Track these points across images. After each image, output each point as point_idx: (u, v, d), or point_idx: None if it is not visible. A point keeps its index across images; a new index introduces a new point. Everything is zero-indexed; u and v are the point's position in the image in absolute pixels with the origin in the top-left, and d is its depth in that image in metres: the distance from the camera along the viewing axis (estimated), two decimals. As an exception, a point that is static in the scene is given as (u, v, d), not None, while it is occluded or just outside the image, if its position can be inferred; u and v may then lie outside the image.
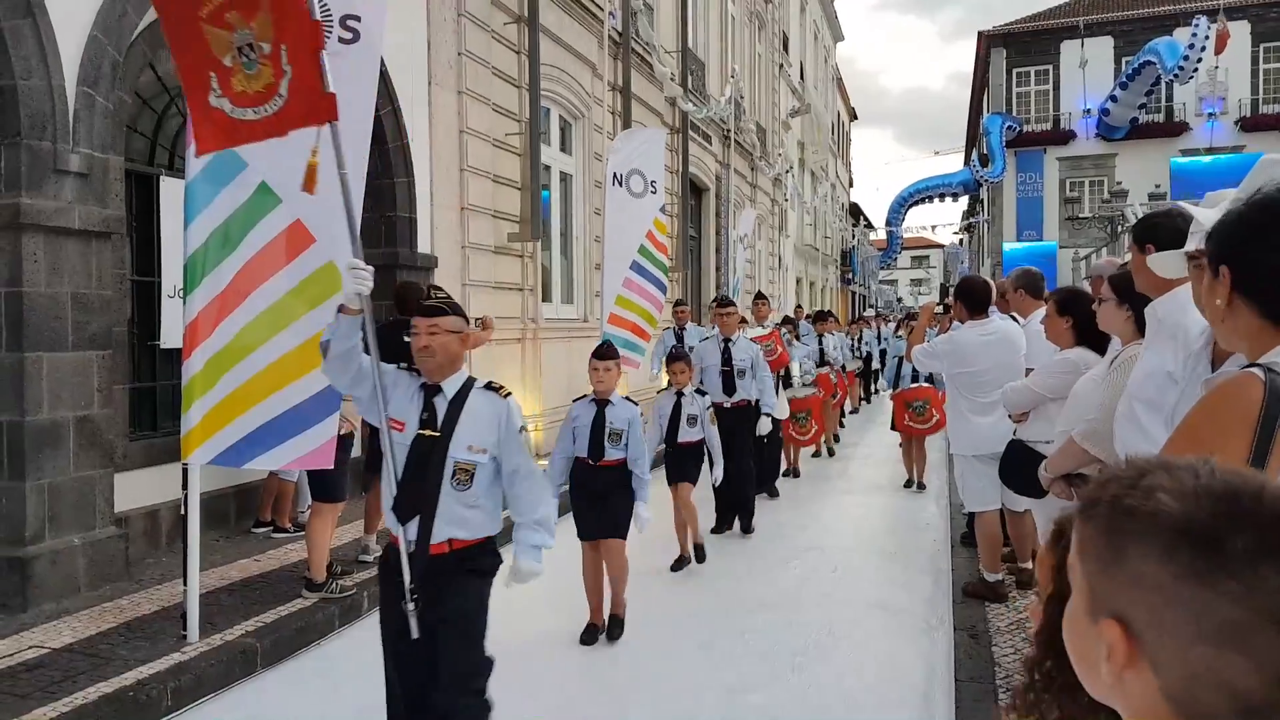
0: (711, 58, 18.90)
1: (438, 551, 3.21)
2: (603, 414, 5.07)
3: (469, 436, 3.21)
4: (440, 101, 8.93)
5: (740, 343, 7.71)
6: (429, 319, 3.21)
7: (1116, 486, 0.85)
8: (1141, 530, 0.81)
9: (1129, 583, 0.81)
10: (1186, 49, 26.10)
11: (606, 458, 5.05)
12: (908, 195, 39.45)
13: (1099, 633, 0.83)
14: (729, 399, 7.58)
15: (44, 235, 5.12)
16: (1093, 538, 0.86)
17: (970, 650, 4.69)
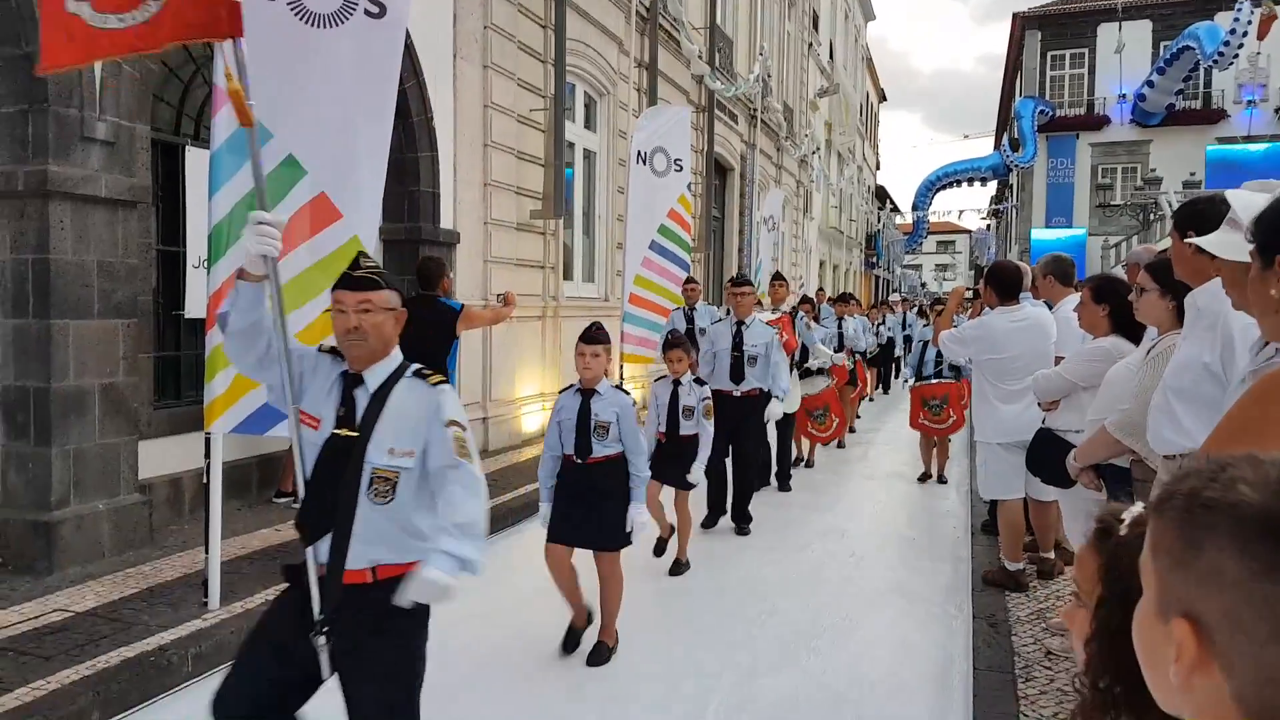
0: (740, 35, 18.73)
1: (356, 580, 2.61)
2: (588, 405, 4.51)
3: (391, 437, 2.62)
4: (465, 76, 8.89)
5: (755, 327, 7.12)
6: (359, 293, 2.63)
7: (1196, 480, 0.82)
8: (1219, 523, 0.77)
9: (1203, 579, 0.78)
10: (1228, 34, 25.55)
11: (595, 454, 4.50)
12: (935, 179, 39.05)
13: (1169, 633, 0.80)
14: (737, 387, 7.02)
15: (71, 203, 5.14)
16: (1167, 533, 0.82)
17: (989, 639, 4.65)
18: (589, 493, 4.51)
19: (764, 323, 7.27)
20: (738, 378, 7.01)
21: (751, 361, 7.01)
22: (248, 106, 3.06)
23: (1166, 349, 3.16)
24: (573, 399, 4.58)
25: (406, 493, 2.64)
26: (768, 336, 7.13)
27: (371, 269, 2.71)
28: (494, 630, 4.79)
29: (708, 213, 16.03)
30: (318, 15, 4.59)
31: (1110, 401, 3.56)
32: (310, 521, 2.70)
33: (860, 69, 39.29)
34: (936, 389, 8.98)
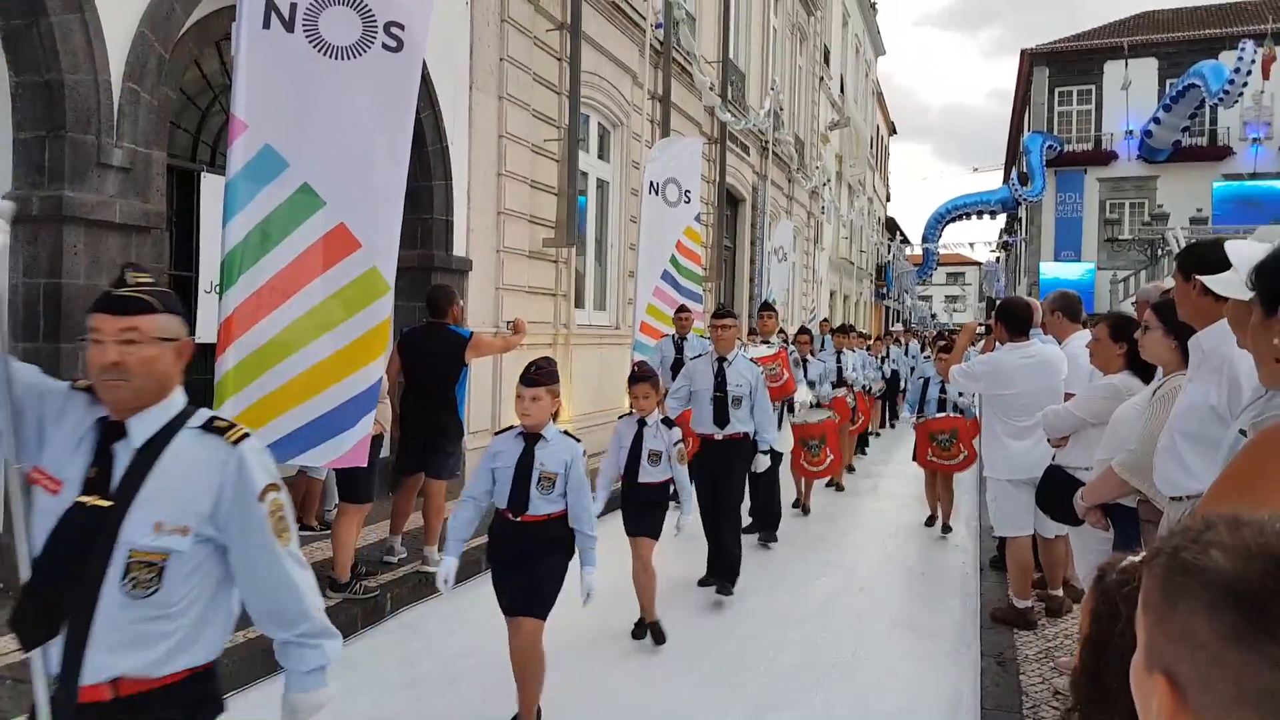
0: (752, 69, 18.88)
1: (91, 698, 1.94)
2: (531, 452, 3.90)
3: (159, 509, 1.97)
4: (480, 106, 8.97)
5: (738, 364, 6.33)
6: (122, 318, 2.01)
7: (1180, 539, 0.84)
8: (1192, 585, 0.80)
9: (1178, 638, 0.80)
10: (1232, 73, 25.74)
11: (531, 512, 3.88)
12: (945, 211, 39.18)
13: (1152, 685, 0.83)
14: (720, 430, 6.23)
15: (85, 228, 5.17)
16: (1151, 589, 0.85)
17: (997, 678, 4.61)
18: (521, 553, 3.90)
19: (749, 359, 6.56)
20: (721, 421, 6.24)
21: (736, 403, 6.24)
22: None
23: (1172, 390, 3.15)
24: (513, 443, 3.94)
25: (176, 582, 1.98)
26: (753, 375, 6.35)
27: (144, 286, 2.08)
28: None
29: (719, 243, 16.08)
30: (336, 47, 4.65)
31: (1117, 441, 3.54)
32: (30, 619, 1.99)
33: (870, 102, 39.52)
34: (945, 423, 8.39)
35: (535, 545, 3.88)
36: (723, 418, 6.22)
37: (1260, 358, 1.80)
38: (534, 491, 3.85)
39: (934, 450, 8.35)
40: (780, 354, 7.86)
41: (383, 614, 5.38)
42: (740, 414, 6.23)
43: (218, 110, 6.61)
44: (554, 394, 3.92)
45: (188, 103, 6.44)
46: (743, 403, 6.23)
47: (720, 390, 6.24)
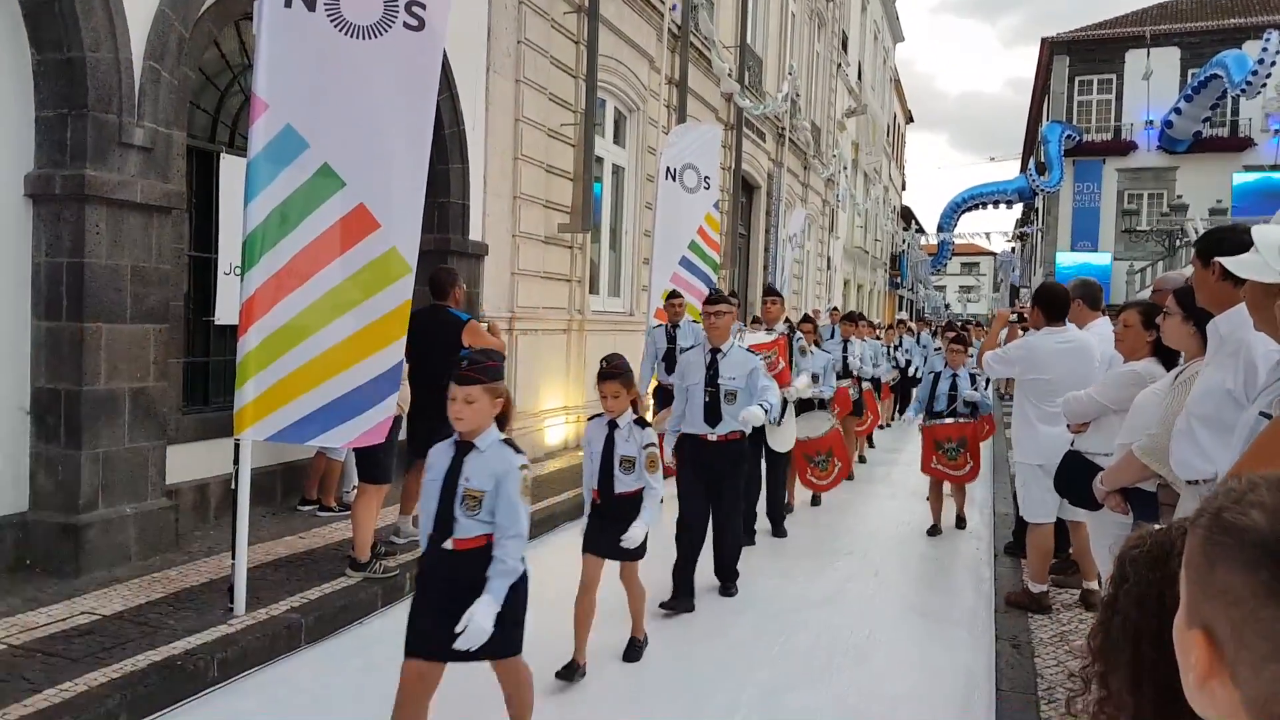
0: (769, 55, 18.80)
1: None
2: (459, 465, 3.25)
3: None
4: (497, 89, 8.97)
5: (733, 355, 5.68)
6: None
7: (1223, 499, 0.86)
8: (1230, 544, 0.82)
9: (1216, 595, 0.82)
10: (1255, 63, 25.48)
11: (457, 535, 3.21)
12: (961, 201, 38.98)
13: (1191, 640, 0.85)
14: (713, 430, 5.59)
15: (107, 207, 5.21)
16: (1193, 549, 0.87)
17: (1012, 660, 4.61)
18: (456, 591, 3.19)
19: (745, 349, 5.93)
20: (713, 419, 5.59)
21: (730, 398, 5.59)
22: None
23: (1191, 375, 3.15)
24: (445, 453, 3.32)
25: None
26: (749, 366, 5.66)
27: None
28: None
29: (734, 230, 16.05)
30: (357, 26, 4.66)
31: (1138, 426, 3.54)
32: None
33: (888, 90, 39.31)
34: (952, 430, 7.76)
35: (462, 576, 3.19)
36: (715, 416, 5.57)
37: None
38: (457, 511, 3.20)
39: (940, 459, 7.84)
40: (778, 342, 7.15)
41: (402, 593, 5.42)
42: (735, 411, 5.55)
43: (236, 91, 6.63)
44: (492, 394, 3.23)
45: (207, 83, 6.46)
46: (738, 398, 5.56)
47: (712, 385, 5.57)
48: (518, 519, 3.22)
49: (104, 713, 3.64)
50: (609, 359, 4.55)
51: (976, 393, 7.85)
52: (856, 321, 11.19)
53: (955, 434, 7.73)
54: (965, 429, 7.74)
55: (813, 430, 7.93)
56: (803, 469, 8.03)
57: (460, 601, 3.12)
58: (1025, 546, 6.67)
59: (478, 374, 3.22)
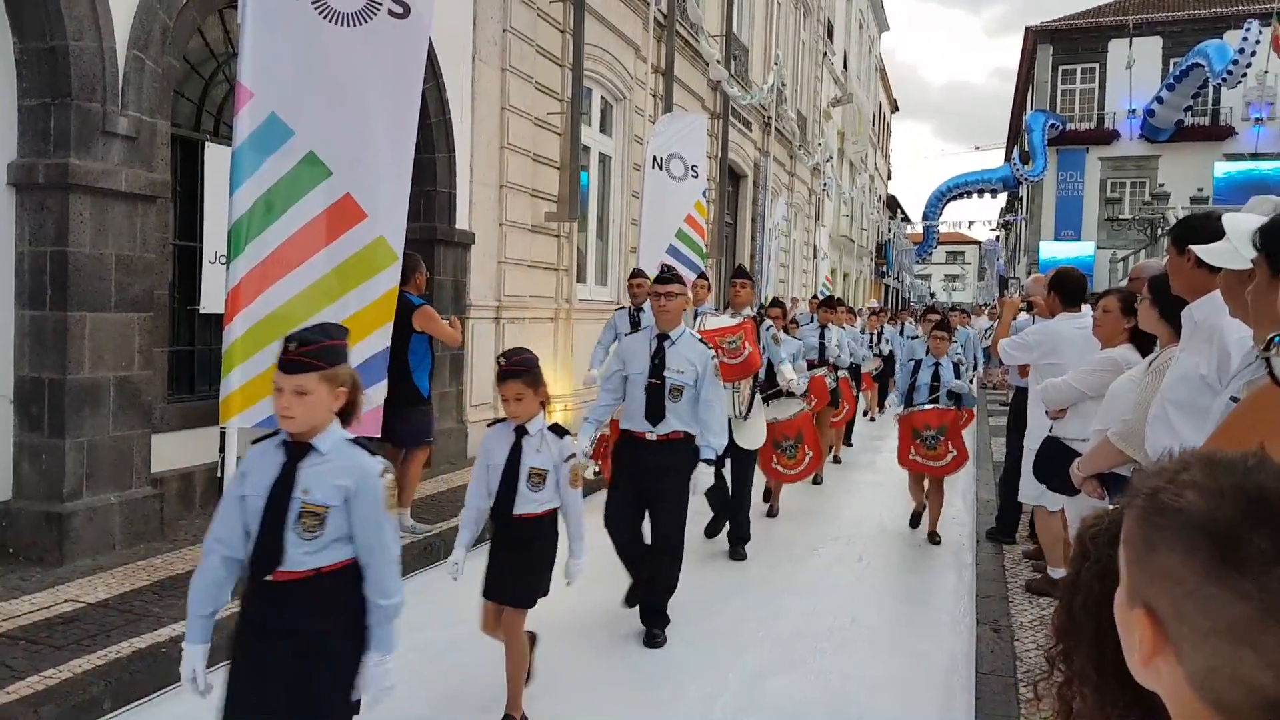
0: (755, 43, 18.80)
1: None
2: (291, 475, 2.56)
3: None
4: (484, 78, 8.96)
5: (683, 342, 4.91)
6: None
7: (1157, 479, 0.88)
8: (1168, 525, 0.84)
9: (1156, 574, 0.84)
10: (1236, 52, 25.66)
11: (291, 567, 2.54)
12: (946, 190, 39.12)
13: (1134, 619, 0.87)
14: (652, 429, 4.83)
15: (91, 196, 5.19)
16: (1130, 528, 0.89)
17: (992, 644, 4.68)
18: (277, 641, 2.58)
19: (698, 339, 5.13)
20: (655, 415, 4.82)
21: (675, 394, 4.83)
22: None
23: (1165, 361, 3.20)
24: (268, 458, 2.61)
25: None
26: (701, 360, 4.89)
27: None
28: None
29: (720, 219, 16.07)
30: (342, 14, 4.66)
31: (1114, 412, 3.58)
32: None
33: (873, 79, 39.35)
34: (930, 416, 7.02)
35: (289, 619, 2.56)
36: (657, 411, 4.82)
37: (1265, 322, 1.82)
38: (290, 535, 2.53)
39: (917, 448, 7.04)
40: (744, 325, 6.32)
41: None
42: (680, 409, 4.83)
43: (221, 79, 6.60)
44: (331, 383, 2.54)
45: (191, 71, 6.44)
46: (684, 394, 4.82)
47: (656, 376, 4.82)
48: (386, 543, 2.61)
49: (87, 700, 3.66)
50: (508, 354, 3.71)
51: (961, 382, 7.27)
52: (834, 307, 10.39)
53: (935, 421, 7.01)
54: (946, 415, 7.05)
55: (783, 412, 7.23)
56: (768, 455, 7.16)
57: (282, 659, 2.54)
58: (1007, 531, 6.78)
59: (310, 358, 2.51)
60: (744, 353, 6.11)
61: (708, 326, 6.09)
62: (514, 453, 3.69)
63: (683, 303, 5.09)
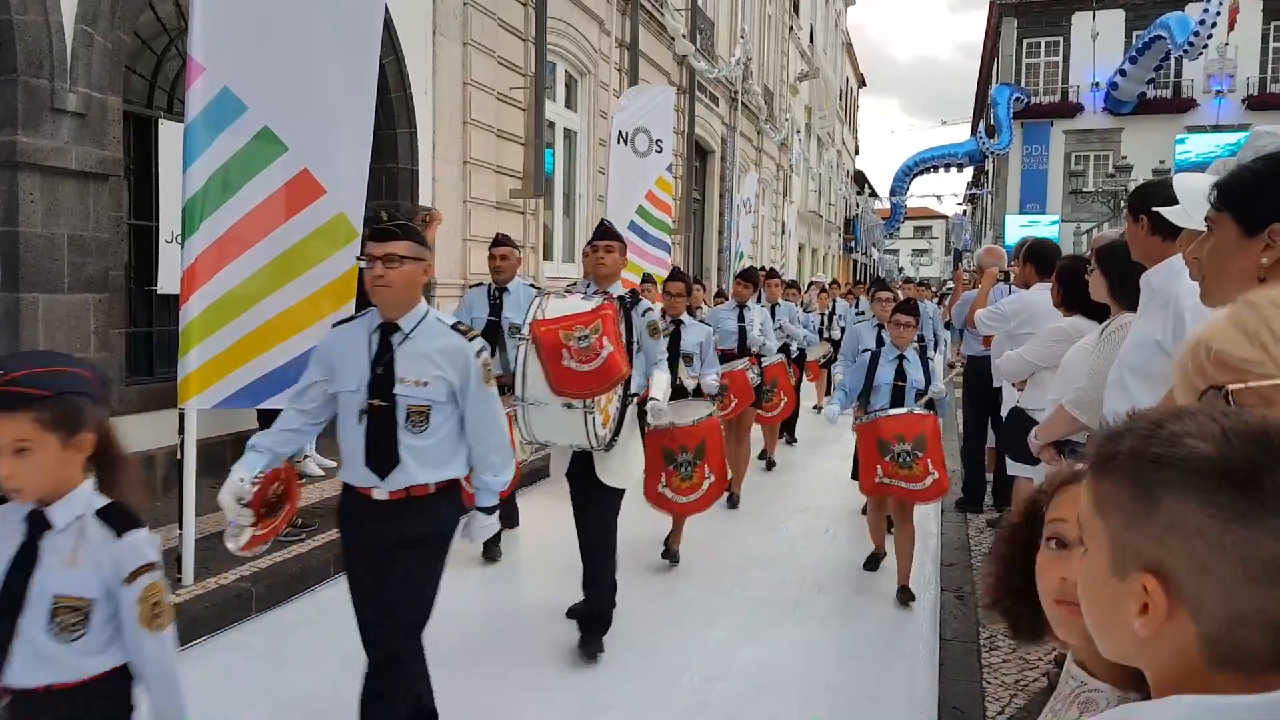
0: (721, 17, 18.70)
1: None
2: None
3: None
4: (445, 52, 8.84)
5: (424, 333, 3.02)
6: None
7: (1133, 439, 0.84)
8: (1173, 478, 0.80)
9: (1165, 532, 0.80)
10: (1197, 24, 25.89)
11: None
12: (913, 164, 39.29)
13: (1128, 589, 0.83)
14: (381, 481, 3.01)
15: (40, 175, 5.08)
16: (1115, 492, 0.84)
17: (955, 611, 4.75)
18: None
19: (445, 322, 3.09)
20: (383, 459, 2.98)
21: (416, 420, 3.03)
22: None
23: (1120, 328, 3.22)
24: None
25: None
26: (457, 359, 3.01)
27: None
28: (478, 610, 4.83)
29: (688, 195, 16.03)
30: (293, -14, 4.57)
31: (1069, 381, 3.62)
32: None
33: (840, 54, 39.32)
34: (902, 424, 5.08)
35: None
36: (385, 453, 2.96)
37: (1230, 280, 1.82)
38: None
39: (886, 467, 5.06)
40: (603, 310, 4.08)
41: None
42: (427, 445, 2.99)
43: (174, 55, 6.47)
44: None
45: (143, 46, 6.30)
46: (431, 419, 2.97)
47: (381, 394, 2.96)
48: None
49: (50, 684, 3.62)
50: None
51: (938, 385, 5.40)
52: (754, 281, 7.97)
53: (908, 430, 5.04)
54: (923, 422, 5.11)
55: (679, 417, 5.34)
56: (654, 478, 5.33)
57: None
58: (974, 501, 6.86)
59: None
60: (601, 353, 3.92)
61: (549, 313, 4.04)
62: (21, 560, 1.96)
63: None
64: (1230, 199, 1.79)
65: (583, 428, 4.06)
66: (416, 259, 2.95)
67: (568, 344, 3.90)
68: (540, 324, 3.97)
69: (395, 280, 2.91)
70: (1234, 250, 1.77)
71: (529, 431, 4.16)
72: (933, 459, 5.05)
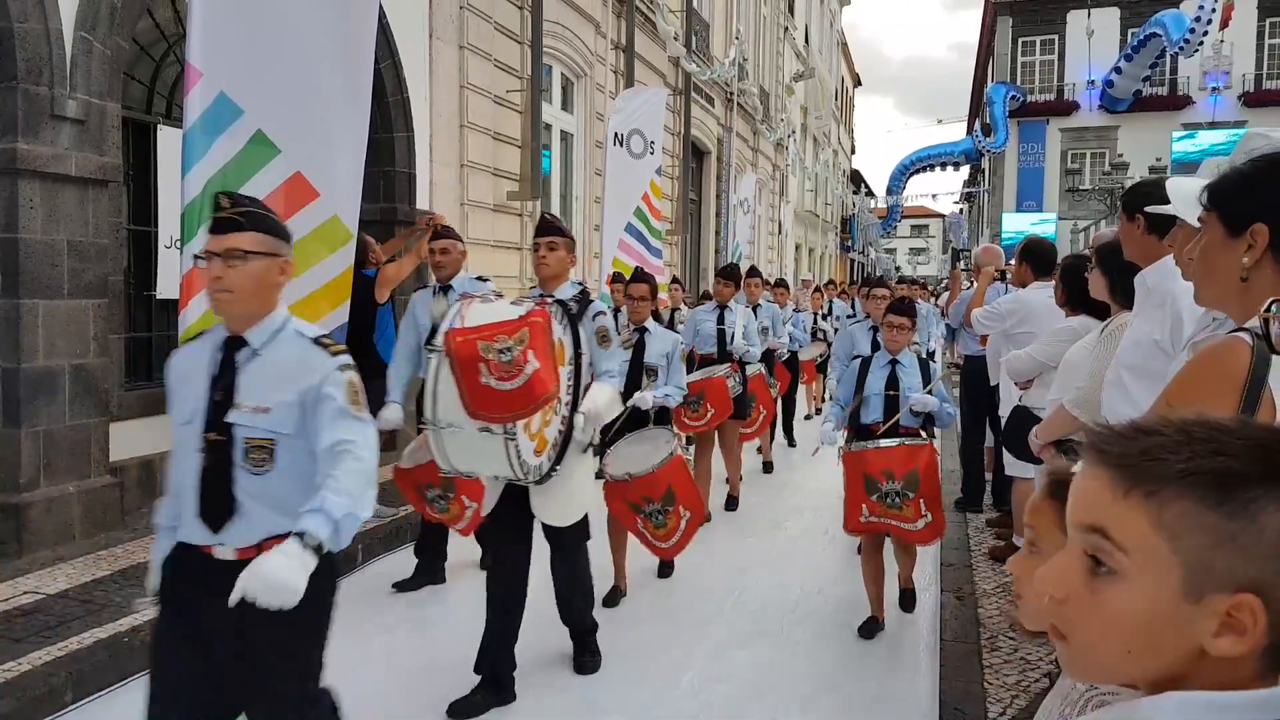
0: (716, 18, 18.71)
1: None
2: None
3: None
4: (441, 56, 8.85)
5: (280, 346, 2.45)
6: None
7: (1194, 455, 0.81)
8: (1260, 494, 0.78)
9: (1267, 551, 0.78)
10: (1193, 21, 25.88)
11: None
12: (909, 163, 39.28)
13: (1202, 610, 0.80)
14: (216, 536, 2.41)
15: (40, 181, 5.09)
16: (1198, 512, 0.79)
17: (956, 612, 4.76)
18: None
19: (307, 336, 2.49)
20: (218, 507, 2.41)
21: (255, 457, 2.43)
22: None
23: (1118, 327, 3.24)
24: None
25: None
26: (309, 377, 2.40)
27: None
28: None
29: (684, 196, 16.03)
30: (290, -11, 4.58)
31: (1069, 380, 3.63)
32: None
33: (835, 53, 39.35)
34: (893, 458, 4.47)
35: None
36: (218, 499, 2.39)
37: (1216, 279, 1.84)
38: None
39: (874, 508, 4.51)
40: (532, 318, 3.44)
41: (355, 563, 5.42)
42: (272, 484, 2.40)
43: (172, 61, 6.48)
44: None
45: (141, 53, 6.31)
46: (277, 456, 2.39)
47: (215, 428, 2.39)
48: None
49: (49, 691, 3.63)
50: None
51: (934, 395, 4.74)
52: (736, 280, 7.29)
53: (900, 465, 4.46)
54: (917, 457, 4.49)
55: (635, 463, 4.76)
56: (630, 521, 4.85)
57: None
58: (973, 501, 6.87)
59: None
60: (524, 369, 3.28)
61: (469, 320, 3.41)
62: None
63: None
64: (1217, 199, 1.81)
65: (504, 456, 3.40)
66: (269, 254, 2.36)
67: (486, 357, 3.28)
68: (456, 333, 3.35)
69: (237, 282, 2.33)
70: (1220, 250, 1.79)
71: (445, 460, 3.54)
72: (926, 499, 4.45)
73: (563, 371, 3.66)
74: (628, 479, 4.72)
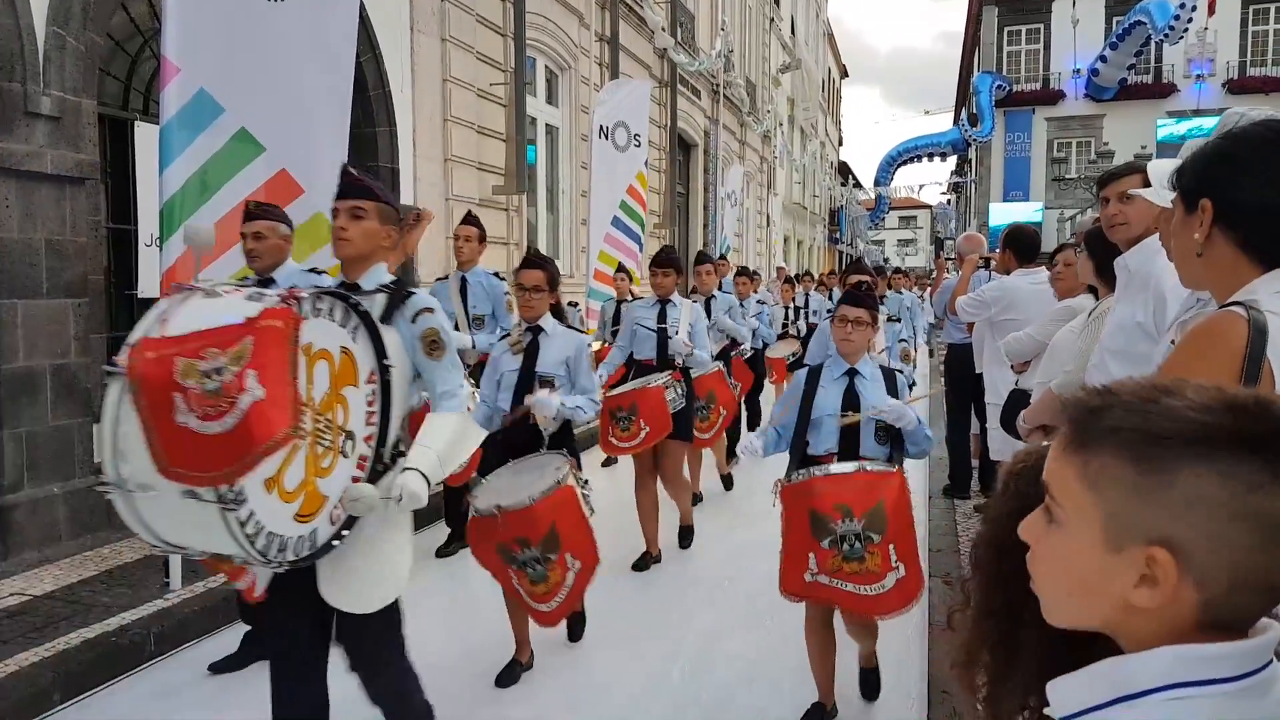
0: (701, 10, 18.68)
1: None
2: None
3: None
4: (423, 49, 8.80)
5: None
6: None
7: (1126, 413, 0.84)
8: (1193, 452, 0.80)
9: (1184, 506, 0.80)
10: (1177, 9, 25.99)
11: None
12: (896, 154, 39.34)
13: (1123, 561, 0.83)
14: None
15: (15, 180, 5.04)
16: (1113, 466, 0.84)
17: (944, 596, 4.77)
18: None
19: None
20: None
21: None
22: None
23: (1104, 311, 3.24)
24: None
25: None
26: None
27: None
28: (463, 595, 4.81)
29: (672, 189, 16.00)
30: (267, -17, 4.54)
31: (1056, 364, 3.63)
32: None
33: (822, 44, 39.34)
34: (847, 490, 3.33)
35: None
36: None
37: (1181, 256, 1.85)
38: None
39: (824, 558, 3.35)
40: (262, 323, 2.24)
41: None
42: None
43: (148, 56, 6.42)
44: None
45: (117, 48, 6.25)
46: None
47: None
48: None
49: (36, 692, 3.61)
50: None
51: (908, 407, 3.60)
52: (676, 268, 5.88)
53: (859, 497, 3.31)
54: (880, 488, 3.35)
55: (508, 494, 3.66)
56: (501, 578, 3.84)
57: None
58: (961, 488, 6.87)
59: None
60: (238, 401, 2.10)
61: (174, 324, 2.24)
62: None
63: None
64: (1176, 179, 1.81)
65: (224, 531, 2.16)
66: None
67: (185, 384, 2.10)
68: (148, 345, 2.21)
69: None
70: (1181, 228, 1.79)
71: (147, 532, 2.25)
72: (898, 546, 3.26)
73: (357, 394, 2.57)
74: (496, 514, 3.54)
